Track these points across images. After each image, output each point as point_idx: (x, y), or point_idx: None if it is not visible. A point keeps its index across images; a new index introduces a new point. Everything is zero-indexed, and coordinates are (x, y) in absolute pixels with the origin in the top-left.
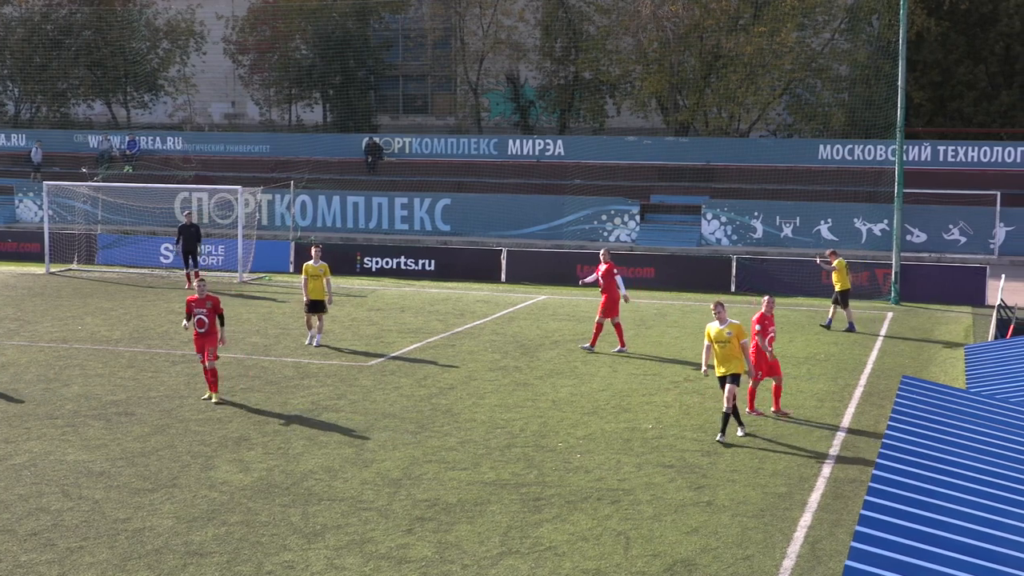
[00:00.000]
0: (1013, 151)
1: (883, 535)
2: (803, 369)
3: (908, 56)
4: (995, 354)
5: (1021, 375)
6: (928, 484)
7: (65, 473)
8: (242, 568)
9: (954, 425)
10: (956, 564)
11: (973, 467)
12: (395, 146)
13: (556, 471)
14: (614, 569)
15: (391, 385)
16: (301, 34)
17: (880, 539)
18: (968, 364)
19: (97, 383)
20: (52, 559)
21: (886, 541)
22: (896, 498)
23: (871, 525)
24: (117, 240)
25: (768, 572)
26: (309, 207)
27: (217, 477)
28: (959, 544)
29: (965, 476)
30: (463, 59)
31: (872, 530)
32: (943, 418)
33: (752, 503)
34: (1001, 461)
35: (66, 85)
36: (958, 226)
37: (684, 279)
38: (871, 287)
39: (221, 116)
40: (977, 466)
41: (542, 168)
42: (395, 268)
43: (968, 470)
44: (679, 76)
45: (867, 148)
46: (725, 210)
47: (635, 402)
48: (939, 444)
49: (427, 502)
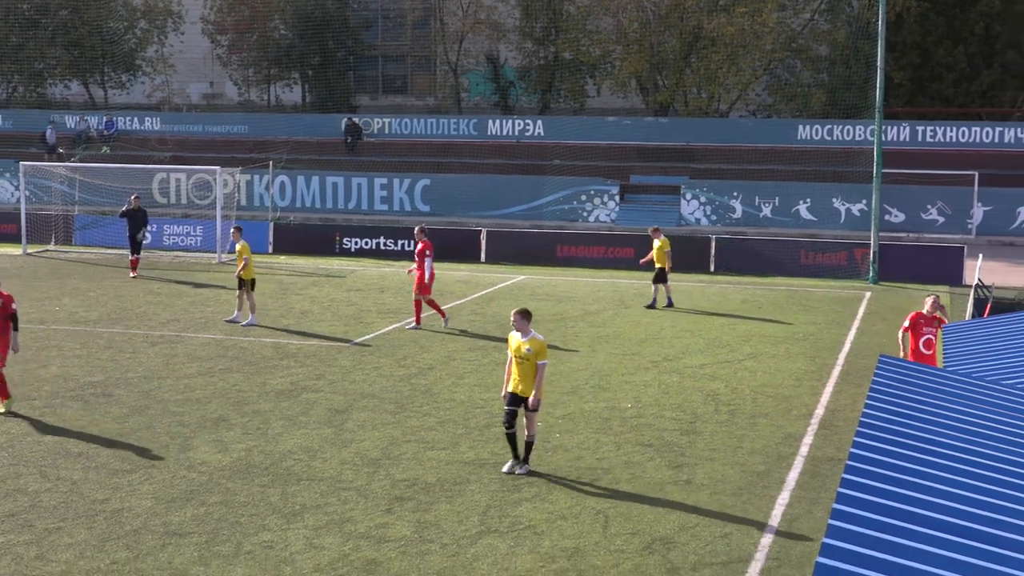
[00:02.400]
0: (991, 131)
1: (860, 512)
2: (781, 348)
3: (887, 37)
4: (972, 333)
5: (998, 354)
6: (905, 462)
7: (43, 454)
8: (221, 548)
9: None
10: (933, 541)
11: (950, 445)
12: (374, 126)
13: (535, 450)
14: (593, 547)
15: (370, 365)
16: (280, 14)
17: (857, 516)
18: (946, 343)
19: (75, 364)
20: (30, 540)
21: (863, 519)
22: (873, 476)
23: (848, 503)
24: (95, 221)
25: (746, 550)
26: (288, 188)
27: (196, 458)
28: (936, 521)
29: (942, 454)
30: (443, 39)
31: (849, 508)
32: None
33: (730, 481)
34: (977, 439)
35: (43, 65)
36: (936, 206)
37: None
38: (850, 267)
39: (199, 96)
40: (954, 444)
41: (522, 148)
42: (374, 248)
43: (945, 448)
44: (659, 56)
45: (846, 128)
46: (704, 190)
47: (614, 382)
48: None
49: (406, 482)
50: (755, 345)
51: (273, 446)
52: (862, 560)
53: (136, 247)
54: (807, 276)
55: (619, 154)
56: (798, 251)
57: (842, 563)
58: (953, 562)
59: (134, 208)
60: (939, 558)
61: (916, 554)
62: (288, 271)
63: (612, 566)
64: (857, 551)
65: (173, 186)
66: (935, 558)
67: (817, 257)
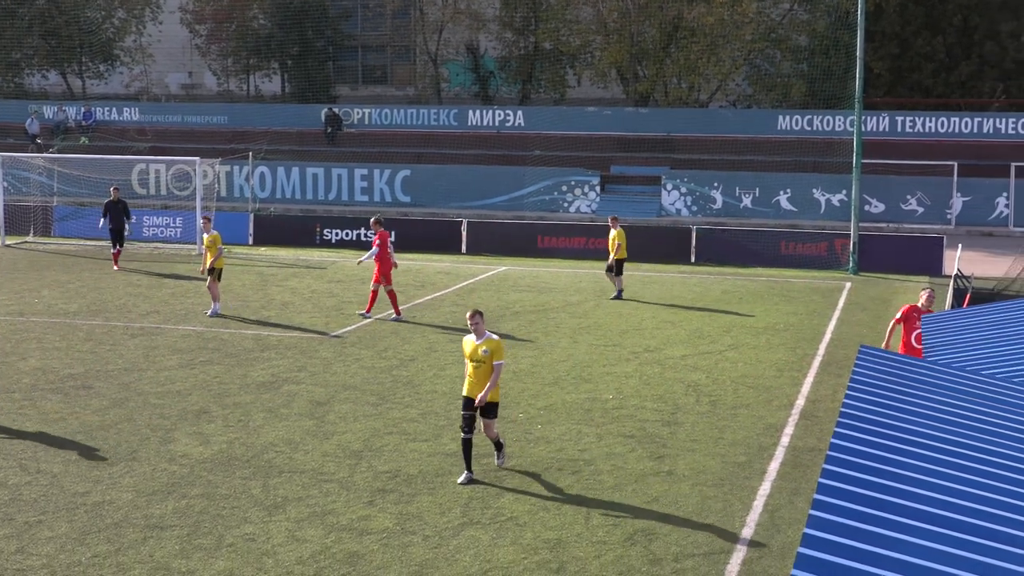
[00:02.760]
0: (970, 122)
1: (841, 503)
2: (762, 339)
3: (867, 27)
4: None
5: (977, 344)
6: (886, 452)
7: (23, 447)
8: (202, 541)
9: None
10: (914, 531)
11: (930, 435)
12: (354, 117)
13: (517, 442)
14: (575, 539)
15: (351, 357)
16: (259, 3)
17: (838, 507)
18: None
19: (55, 356)
20: (10, 533)
21: (844, 509)
22: (854, 466)
23: (829, 493)
24: (73, 212)
25: (727, 541)
26: (268, 178)
27: (177, 450)
28: (917, 511)
29: (922, 444)
30: (422, 29)
31: (830, 498)
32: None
33: (712, 472)
34: (958, 428)
35: (20, 55)
36: (916, 196)
37: (644, 250)
38: (830, 257)
39: (178, 86)
40: (934, 434)
41: (502, 139)
42: (355, 240)
43: (925, 438)
44: (639, 47)
45: (826, 119)
46: (685, 181)
47: (595, 373)
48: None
49: (388, 474)
50: (736, 336)
51: (254, 438)
52: (844, 551)
53: (118, 239)
54: (787, 267)
55: (600, 145)
56: (778, 242)
57: (824, 554)
58: (936, 552)
59: (114, 200)
60: (921, 548)
61: (898, 544)
62: (268, 262)
63: (594, 557)
64: (839, 542)
65: (152, 177)
66: (917, 548)
67: (797, 248)
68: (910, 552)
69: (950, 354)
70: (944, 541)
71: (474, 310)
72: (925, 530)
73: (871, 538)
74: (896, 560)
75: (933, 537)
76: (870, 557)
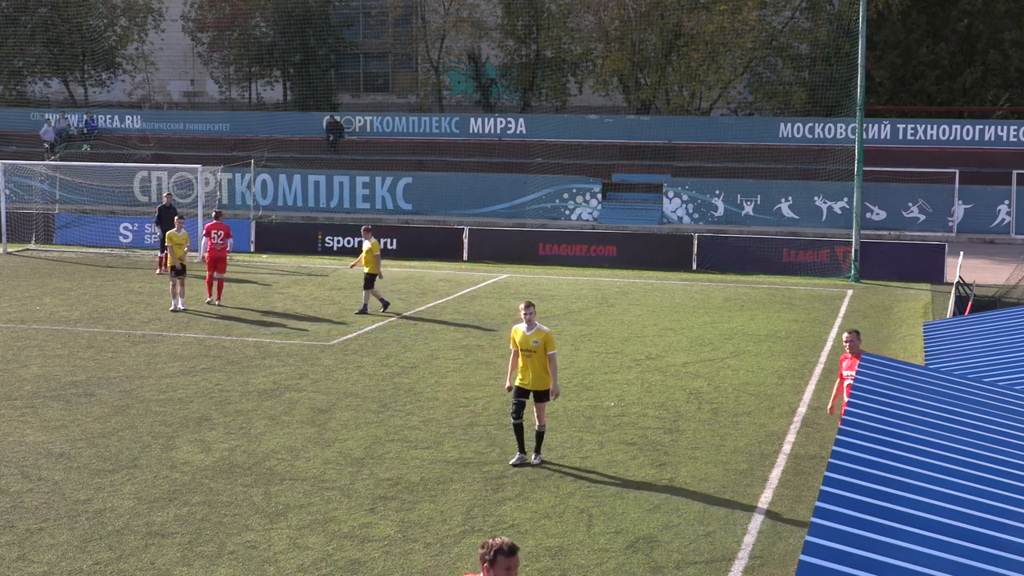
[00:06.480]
0: (971, 129)
1: (843, 511)
2: (764, 346)
3: (869, 35)
4: (953, 331)
5: (979, 351)
6: (888, 459)
7: (24, 455)
8: (204, 548)
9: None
10: (916, 538)
11: (932, 442)
12: (356, 124)
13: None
14: (577, 546)
15: (353, 364)
16: (261, 11)
17: (840, 515)
18: (927, 341)
19: (56, 364)
20: (12, 541)
21: (846, 516)
22: (856, 474)
23: (831, 501)
24: (75, 220)
25: (729, 548)
26: (270, 186)
27: (178, 458)
28: (918, 519)
29: (924, 451)
30: (424, 37)
31: (832, 506)
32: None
33: (713, 480)
34: (960, 436)
35: (22, 63)
36: (917, 204)
37: (646, 257)
38: (831, 264)
39: (180, 94)
40: (936, 441)
41: (504, 147)
42: (356, 247)
43: (927, 445)
44: (641, 54)
45: (827, 126)
46: (686, 188)
47: (597, 380)
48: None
49: (390, 481)
50: (737, 343)
51: (256, 446)
52: (845, 558)
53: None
54: (789, 274)
55: (601, 152)
56: (780, 249)
57: (825, 561)
58: (936, 559)
59: (166, 205)
60: (922, 555)
61: (899, 551)
62: (270, 270)
63: (596, 565)
64: (840, 549)
65: (154, 185)
66: (918, 555)
67: (799, 255)
68: (912, 559)
69: (951, 361)
70: (946, 548)
71: (527, 302)
72: (927, 537)
73: (872, 545)
74: (898, 567)
75: (935, 544)
76: (872, 564)
